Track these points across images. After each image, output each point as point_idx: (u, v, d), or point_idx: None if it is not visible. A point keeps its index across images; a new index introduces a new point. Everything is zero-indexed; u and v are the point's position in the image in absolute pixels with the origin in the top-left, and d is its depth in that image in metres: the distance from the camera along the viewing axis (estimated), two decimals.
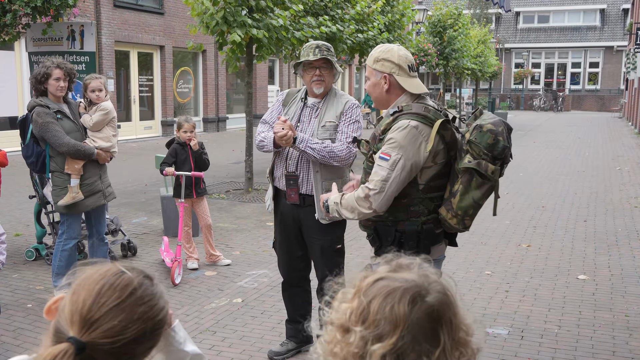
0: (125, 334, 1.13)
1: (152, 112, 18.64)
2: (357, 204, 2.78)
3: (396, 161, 2.70)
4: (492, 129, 2.67)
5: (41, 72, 4.68)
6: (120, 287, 1.15)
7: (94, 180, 4.88)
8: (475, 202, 2.73)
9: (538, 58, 42.09)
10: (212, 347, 4.15)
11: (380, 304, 1.07)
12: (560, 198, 9.66)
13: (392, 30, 14.44)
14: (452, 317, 1.09)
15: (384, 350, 1.04)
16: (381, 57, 2.86)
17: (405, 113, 2.77)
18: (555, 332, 4.44)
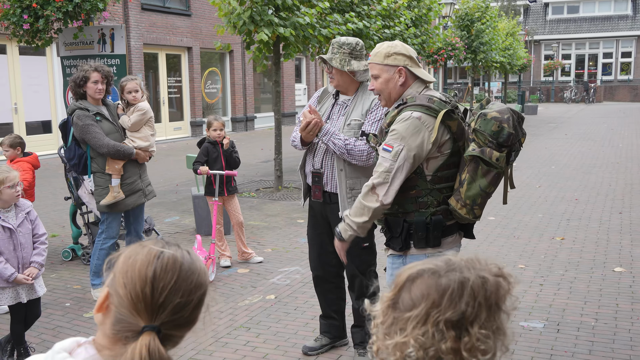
0: (189, 305, 1.19)
1: (181, 113, 18.84)
2: (364, 202, 2.79)
3: (398, 152, 2.71)
4: (496, 116, 2.67)
5: (80, 76, 4.81)
6: (170, 266, 1.19)
7: (134, 180, 5.01)
8: (483, 191, 2.72)
9: (568, 49, 41.38)
10: (247, 343, 4.19)
11: (405, 269, 1.24)
12: (594, 190, 9.50)
13: (419, 25, 14.34)
14: (445, 303, 1.13)
15: (385, 298, 1.20)
16: (392, 51, 2.87)
17: (409, 105, 2.79)
18: (592, 325, 4.37)
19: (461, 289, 1.13)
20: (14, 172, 3.74)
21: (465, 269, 1.16)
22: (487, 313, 1.12)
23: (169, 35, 17.75)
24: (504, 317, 1.15)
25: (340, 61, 3.60)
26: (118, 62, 6.93)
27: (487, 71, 25.96)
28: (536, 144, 16.05)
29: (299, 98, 23.67)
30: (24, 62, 13.84)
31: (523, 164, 12.23)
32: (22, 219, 3.80)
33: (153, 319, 1.16)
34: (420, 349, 1.11)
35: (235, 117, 20.58)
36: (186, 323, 1.21)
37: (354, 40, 3.68)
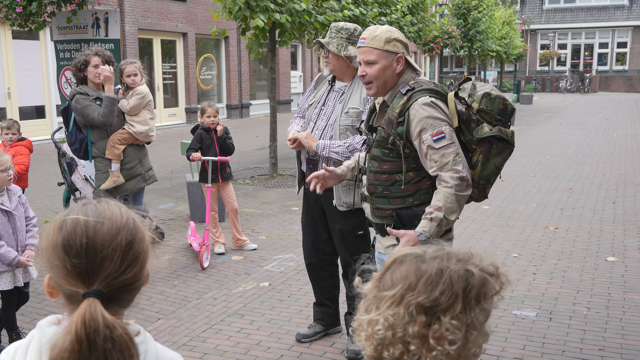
0: (119, 261, 1.15)
1: (176, 100, 18.76)
2: (459, 193, 2.62)
3: (450, 132, 2.67)
4: (499, 94, 2.71)
5: (80, 60, 4.84)
6: (74, 230, 1.15)
7: (134, 165, 5.04)
8: (497, 168, 2.73)
9: (564, 39, 41.32)
10: (241, 330, 4.19)
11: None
12: (588, 180, 9.52)
13: (416, 13, 14.29)
14: (421, 287, 1.13)
15: (374, 279, 1.22)
16: (392, 37, 2.76)
17: (418, 90, 2.73)
18: (584, 314, 4.40)
19: (439, 276, 1.13)
20: (5, 155, 3.72)
21: (452, 259, 1.16)
22: (463, 305, 1.12)
23: (164, 21, 17.62)
24: (481, 314, 1.14)
25: (337, 45, 3.55)
26: (112, 47, 6.88)
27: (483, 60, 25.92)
28: (531, 133, 16.06)
29: (295, 85, 23.59)
30: (17, 46, 13.72)
31: (518, 153, 12.25)
32: (15, 202, 3.79)
33: (88, 284, 1.13)
34: (389, 328, 1.12)
35: (230, 104, 20.50)
36: (130, 281, 1.17)
37: (352, 25, 3.63)
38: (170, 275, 5.29)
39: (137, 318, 4.38)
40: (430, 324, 1.11)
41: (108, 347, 1.08)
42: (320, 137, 3.67)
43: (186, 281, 5.16)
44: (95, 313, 1.10)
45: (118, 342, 1.10)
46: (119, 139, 4.96)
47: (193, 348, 3.94)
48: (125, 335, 1.11)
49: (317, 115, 3.73)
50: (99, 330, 1.08)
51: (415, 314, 1.11)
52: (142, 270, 1.19)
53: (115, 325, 1.10)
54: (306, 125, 3.79)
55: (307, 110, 3.82)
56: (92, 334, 1.08)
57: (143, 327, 1.22)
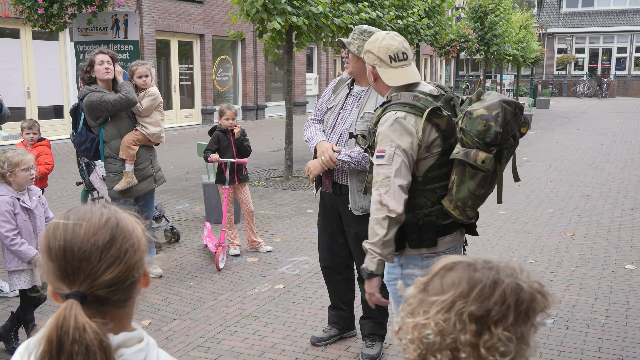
0: (98, 261, 1.15)
1: (192, 101, 18.85)
2: (377, 217, 2.62)
3: (391, 155, 2.59)
4: (482, 114, 2.47)
5: (86, 63, 4.83)
6: (55, 232, 1.17)
7: (145, 165, 5.04)
8: (472, 194, 2.58)
9: (582, 43, 40.98)
10: (255, 332, 4.20)
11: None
12: (606, 186, 9.43)
13: (432, 16, 14.24)
14: (475, 296, 1.12)
15: (419, 283, 1.20)
16: (366, 48, 2.80)
17: (393, 103, 2.68)
18: (602, 322, 4.35)
19: (493, 286, 1.12)
20: (29, 155, 3.77)
21: (502, 272, 1.15)
22: (515, 318, 1.11)
23: (181, 22, 17.72)
24: (530, 329, 1.14)
25: (358, 47, 3.51)
26: (131, 48, 6.93)
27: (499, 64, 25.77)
28: (548, 138, 15.95)
29: (310, 87, 23.61)
30: (37, 46, 13.87)
31: (534, 158, 12.17)
32: (36, 202, 3.84)
33: (70, 286, 1.15)
34: (439, 334, 1.11)
35: (246, 106, 20.57)
36: (115, 280, 1.16)
37: (376, 30, 3.62)
38: (185, 276, 5.31)
39: (153, 318, 4.40)
40: (481, 333, 1.10)
41: (75, 350, 1.08)
42: (337, 142, 3.67)
43: (201, 282, 5.18)
44: (69, 315, 1.10)
45: (86, 346, 1.09)
46: (133, 140, 4.97)
47: (208, 349, 3.95)
48: (95, 340, 1.10)
49: (336, 120, 3.72)
50: (68, 332, 1.08)
51: (468, 322, 1.10)
52: (129, 269, 1.18)
53: (86, 329, 1.09)
54: (325, 129, 3.79)
55: (326, 114, 3.82)
56: (62, 336, 1.08)
57: (159, 328, 1.22)
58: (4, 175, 3.71)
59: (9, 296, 4.76)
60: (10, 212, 3.70)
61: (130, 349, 1.19)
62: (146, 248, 1.24)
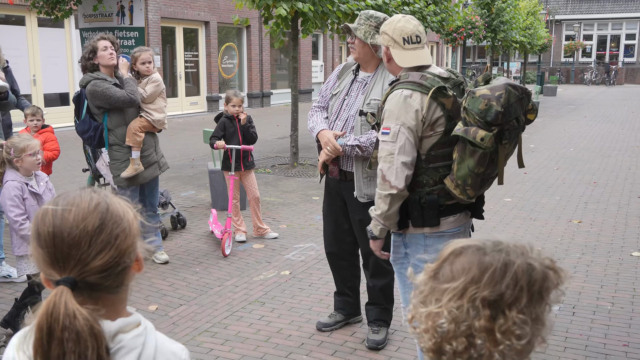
0: (87, 247, 1.14)
1: (198, 88, 18.83)
2: (380, 191, 2.76)
3: (396, 132, 2.69)
4: (485, 94, 2.54)
5: (88, 49, 4.77)
6: (43, 218, 1.16)
7: (150, 152, 5.04)
8: (471, 171, 2.63)
9: (590, 30, 40.66)
10: (262, 318, 4.22)
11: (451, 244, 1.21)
12: (613, 174, 9.39)
13: (439, 3, 14.14)
14: (486, 281, 1.11)
15: (428, 269, 1.19)
16: (382, 29, 2.92)
17: (401, 82, 2.78)
18: (608, 309, 4.35)
19: (504, 269, 1.10)
20: (34, 140, 3.77)
21: (512, 253, 1.13)
22: (528, 300, 1.10)
23: (186, 9, 17.67)
24: (545, 308, 1.13)
25: (364, 32, 3.51)
26: (137, 34, 6.92)
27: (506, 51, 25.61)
28: (555, 125, 15.87)
29: (316, 75, 23.54)
30: (42, 33, 13.86)
31: (541, 146, 12.12)
32: (43, 187, 3.85)
33: (60, 272, 1.14)
34: (453, 322, 1.10)
35: (251, 93, 20.54)
36: (107, 266, 1.15)
37: (382, 15, 3.59)
38: (192, 262, 5.33)
39: (160, 304, 4.43)
40: (495, 317, 1.09)
41: (65, 337, 1.07)
42: (343, 129, 3.66)
43: (208, 268, 5.20)
44: (59, 301, 1.09)
45: (76, 332, 1.08)
46: (140, 127, 4.96)
47: (215, 334, 3.97)
48: (86, 326, 1.09)
49: (340, 106, 3.71)
50: (58, 318, 1.08)
51: (481, 307, 1.09)
52: (120, 254, 1.16)
53: (77, 315, 1.08)
54: (329, 116, 3.77)
55: (330, 100, 3.80)
56: (52, 323, 1.08)
57: (166, 313, 1.21)
58: (11, 160, 3.72)
59: (17, 281, 4.80)
60: (19, 197, 3.71)
61: (128, 334, 1.18)
62: (138, 233, 1.23)
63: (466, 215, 2.90)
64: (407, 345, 3.85)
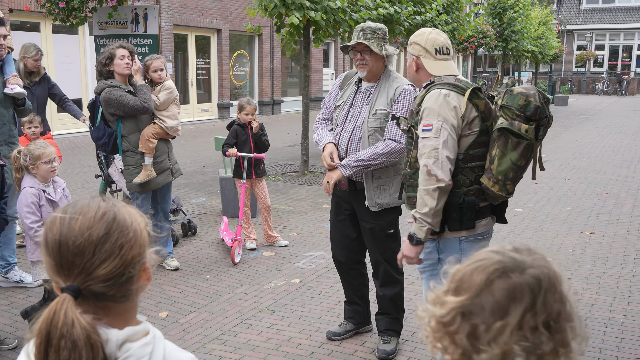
0: (92, 256, 1.15)
1: (209, 95, 18.91)
2: (426, 187, 2.75)
3: (439, 128, 2.75)
4: (522, 91, 2.71)
5: (105, 55, 4.82)
6: (51, 226, 1.18)
7: (163, 158, 5.07)
8: (514, 164, 2.73)
9: (602, 40, 40.49)
10: (272, 326, 4.22)
11: (469, 270, 1.15)
12: (625, 185, 9.33)
13: (450, 12, 14.15)
14: (539, 305, 1.09)
15: (454, 305, 1.12)
16: (413, 40, 2.99)
17: (437, 84, 2.86)
18: (620, 322, 4.32)
19: (549, 284, 1.10)
20: (50, 147, 3.80)
21: (530, 263, 1.12)
22: (561, 305, 1.11)
23: (199, 17, 17.78)
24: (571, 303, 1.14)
25: (377, 46, 3.55)
26: (150, 42, 6.97)
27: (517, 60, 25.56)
28: (566, 136, 15.80)
29: (327, 83, 23.58)
30: (56, 40, 13.99)
31: (552, 155, 12.07)
32: (60, 194, 3.88)
33: (65, 279, 1.15)
34: (527, 355, 1.08)
35: (262, 101, 20.60)
36: (111, 275, 1.15)
37: (382, 24, 3.67)
38: (202, 269, 5.35)
39: (170, 311, 4.44)
40: (554, 334, 1.09)
41: (61, 345, 1.08)
42: (349, 140, 3.66)
43: (218, 275, 5.21)
44: (60, 309, 1.10)
45: (73, 341, 1.08)
46: (153, 133, 5.00)
47: (224, 342, 3.97)
48: (82, 335, 1.09)
49: (345, 118, 3.71)
50: (57, 326, 1.08)
51: (543, 330, 1.08)
52: (125, 264, 1.17)
53: (75, 324, 1.09)
54: (334, 127, 3.78)
55: (335, 112, 3.81)
56: (51, 330, 1.09)
57: (176, 320, 1.21)
58: (27, 167, 3.75)
59: (29, 286, 4.83)
60: (36, 204, 3.74)
61: (136, 343, 1.18)
62: (146, 243, 1.23)
63: (493, 220, 3.00)
64: (418, 355, 3.84)
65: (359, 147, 3.62)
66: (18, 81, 4.55)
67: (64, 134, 13.33)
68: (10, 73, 4.56)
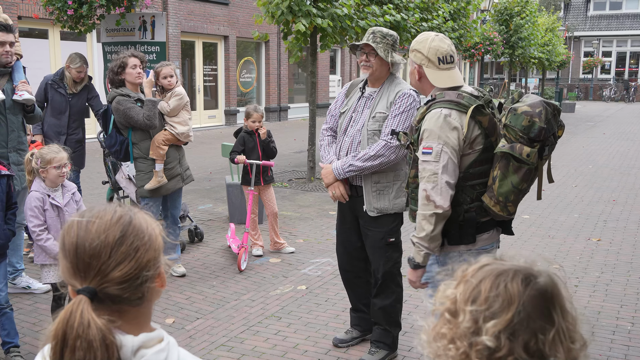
0: (108, 259, 1.16)
1: (216, 102, 18.98)
2: (424, 212, 2.71)
3: (439, 152, 2.67)
4: (527, 110, 2.59)
5: (117, 64, 4.88)
6: (70, 229, 1.20)
7: (174, 165, 5.12)
8: (515, 187, 2.66)
9: (609, 46, 40.42)
10: (278, 333, 4.22)
11: (493, 283, 1.09)
12: (633, 192, 9.29)
13: (457, 19, 14.17)
14: (562, 302, 1.11)
15: (500, 326, 1.05)
16: (414, 47, 2.89)
17: (438, 101, 2.76)
18: (628, 329, 4.30)
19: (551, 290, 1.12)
20: (62, 153, 3.82)
21: (541, 272, 1.13)
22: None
23: (206, 24, 17.87)
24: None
25: (384, 51, 3.56)
26: (158, 49, 7.01)
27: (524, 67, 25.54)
28: (573, 142, 15.76)
29: (333, 89, 23.62)
30: (64, 47, 14.07)
31: (559, 162, 12.03)
32: (68, 199, 3.90)
33: (82, 281, 1.16)
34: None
35: (269, 107, 20.65)
36: (127, 277, 1.17)
37: (393, 32, 3.66)
38: (209, 276, 5.36)
39: (177, 317, 4.45)
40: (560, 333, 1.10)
41: (77, 345, 1.09)
42: (350, 144, 3.67)
43: (224, 282, 5.22)
44: (76, 310, 1.12)
45: (88, 342, 1.10)
46: (163, 140, 5.04)
47: (231, 348, 3.98)
48: (98, 336, 1.11)
49: (349, 123, 3.73)
50: (73, 327, 1.10)
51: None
52: (140, 267, 1.18)
53: (91, 325, 1.10)
54: (338, 134, 3.79)
55: (340, 118, 3.83)
56: (67, 330, 1.10)
57: (183, 326, 1.23)
58: (38, 170, 3.78)
59: (37, 292, 4.85)
60: (40, 208, 3.77)
61: (151, 349, 1.19)
62: (161, 248, 1.24)
63: (497, 232, 2.93)
64: None
65: (358, 150, 3.63)
66: (27, 87, 4.59)
67: None
68: (19, 79, 4.61)
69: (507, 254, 1.18)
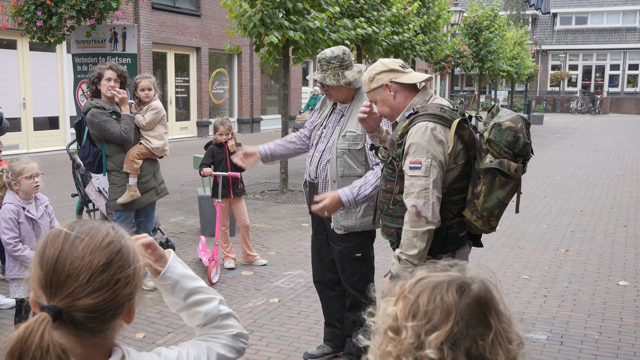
0: (84, 283, 1.10)
1: (188, 113, 18.89)
2: (415, 229, 2.63)
3: (428, 166, 2.62)
4: (511, 126, 2.61)
5: (95, 74, 4.85)
6: (54, 241, 1.13)
7: (148, 179, 5.06)
8: (500, 202, 2.68)
9: (575, 60, 41.36)
10: (250, 346, 4.19)
11: (430, 296, 1.11)
12: (599, 202, 9.49)
13: (428, 32, 14.38)
14: (497, 305, 1.13)
15: (442, 338, 1.07)
16: (372, 74, 2.87)
17: (421, 114, 2.71)
18: (595, 339, 4.37)
19: (485, 295, 1.15)
20: (33, 163, 3.77)
21: (472, 276, 1.16)
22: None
23: (178, 35, 17.80)
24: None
25: (334, 77, 3.49)
26: (129, 61, 6.97)
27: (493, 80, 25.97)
28: (541, 154, 16.04)
29: (305, 101, 23.70)
30: (33, 57, 13.90)
31: (528, 174, 12.22)
32: (42, 211, 3.85)
33: (49, 298, 1.09)
34: None
35: (241, 119, 20.62)
36: (97, 307, 1.10)
37: (338, 50, 3.55)
38: None
39: (147, 331, 4.39)
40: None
41: None
42: (320, 160, 3.66)
43: None
44: (37, 330, 1.03)
45: None
46: (138, 154, 4.99)
47: None
48: None
49: (319, 138, 3.73)
50: (30, 348, 1.02)
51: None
52: (116, 299, 1.12)
53: (50, 350, 1.02)
54: (310, 147, 3.80)
55: (312, 132, 3.84)
56: (24, 352, 1.02)
57: (154, 341, 1.19)
58: (9, 184, 3.72)
59: (3, 308, 4.75)
60: (14, 220, 3.71)
61: None
62: (140, 283, 1.19)
63: (470, 246, 2.95)
64: None
65: (327, 168, 3.61)
66: None
67: (40, 152, 13.19)
68: None
69: (439, 265, 1.20)
